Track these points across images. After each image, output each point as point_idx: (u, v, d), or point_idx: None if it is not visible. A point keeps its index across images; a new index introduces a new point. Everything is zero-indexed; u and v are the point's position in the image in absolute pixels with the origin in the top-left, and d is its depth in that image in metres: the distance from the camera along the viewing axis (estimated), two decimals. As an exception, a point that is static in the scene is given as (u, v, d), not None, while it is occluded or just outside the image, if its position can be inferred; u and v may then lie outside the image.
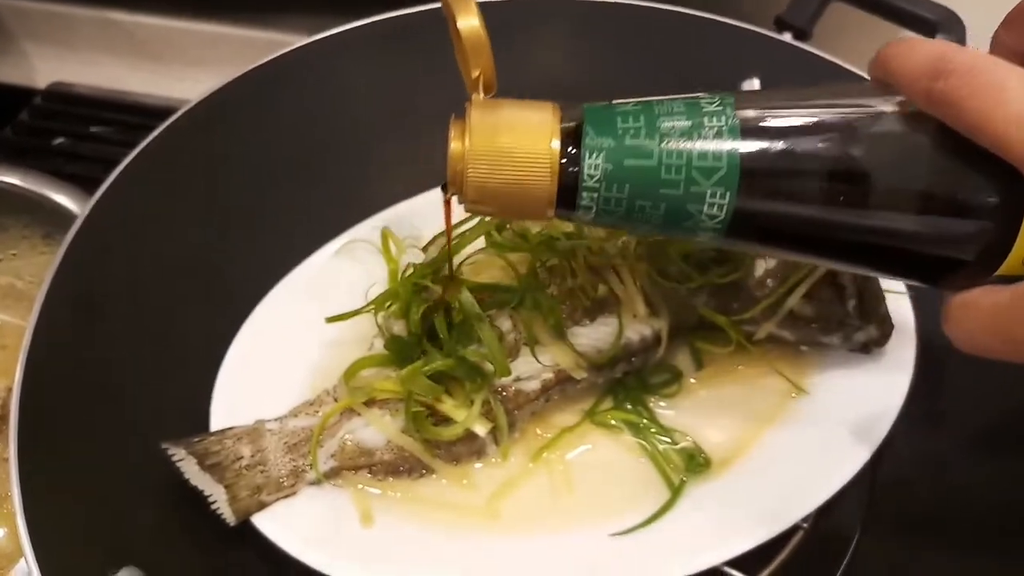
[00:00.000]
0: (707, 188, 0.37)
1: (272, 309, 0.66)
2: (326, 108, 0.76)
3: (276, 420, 0.58)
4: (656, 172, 0.37)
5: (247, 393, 0.60)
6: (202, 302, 0.65)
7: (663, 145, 0.37)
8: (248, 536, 0.54)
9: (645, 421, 0.59)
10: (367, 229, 0.70)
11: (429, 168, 0.73)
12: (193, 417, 0.59)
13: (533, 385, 0.58)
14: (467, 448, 0.57)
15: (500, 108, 0.40)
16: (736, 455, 0.58)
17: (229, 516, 0.54)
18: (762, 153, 0.37)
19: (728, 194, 0.37)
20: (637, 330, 0.59)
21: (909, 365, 0.60)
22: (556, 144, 0.38)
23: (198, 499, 0.54)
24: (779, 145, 0.37)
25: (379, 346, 0.59)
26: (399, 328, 0.59)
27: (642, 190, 0.37)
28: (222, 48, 1.04)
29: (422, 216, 0.69)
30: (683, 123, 0.37)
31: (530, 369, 0.58)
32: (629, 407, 0.60)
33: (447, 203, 0.48)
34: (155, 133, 0.68)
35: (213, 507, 0.54)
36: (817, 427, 0.58)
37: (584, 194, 0.38)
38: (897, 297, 0.62)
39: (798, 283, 0.59)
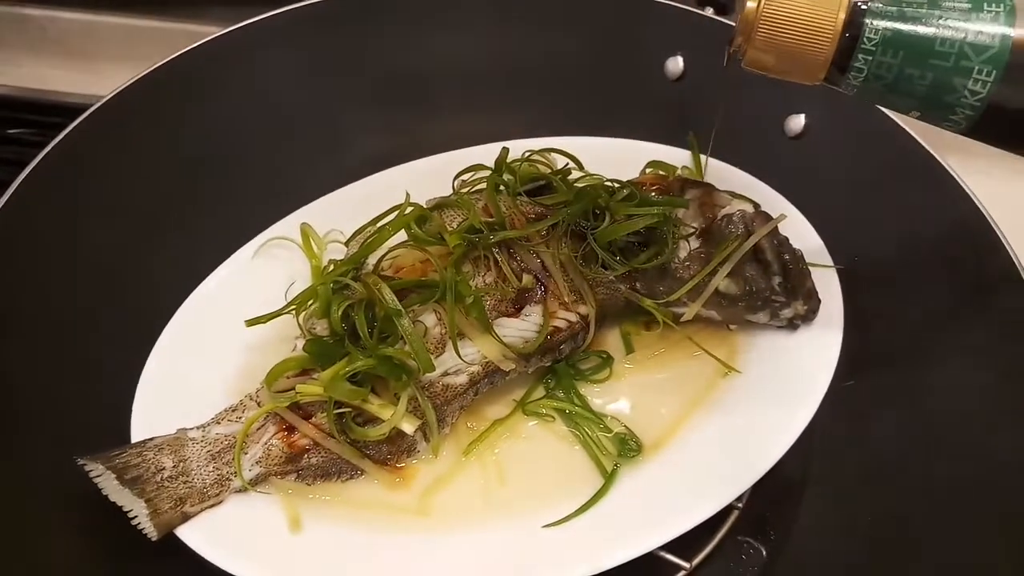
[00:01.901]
0: (976, 64, 0.40)
1: (192, 313, 0.64)
2: (243, 100, 0.74)
3: (199, 428, 0.56)
4: (931, 43, 0.40)
5: (168, 401, 0.59)
6: (118, 308, 0.63)
7: (942, 19, 0.40)
8: (174, 549, 0.53)
9: (577, 408, 0.59)
10: (287, 226, 0.68)
11: (350, 160, 0.73)
12: (113, 429, 0.57)
13: (461, 379, 0.57)
14: (396, 447, 0.56)
15: None
16: (668, 438, 0.58)
17: (151, 531, 0.52)
18: None
19: (994, 72, 0.40)
20: (564, 317, 0.58)
21: (837, 339, 0.60)
22: (844, 7, 0.41)
23: (119, 515, 0.52)
24: None
25: (302, 347, 0.58)
26: (322, 328, 0.58)
27: (914, 58, 0.41)
28: (143, 42, 1.01)
29: (344, 210, 0.68)
30: (963, 3, 0.41)
31: (457, 363, 0.57)
32: (560, 395, 0.60)
33: (729, 60, 0.48)
34: (64, 133, 0.66)
35: (134, 522, 0.52)
36: (748, 406, 0.58)
37: (860, 56, 0.41)
38: (825, 272, 0.62)
39: (722, 262, 0.58)
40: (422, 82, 0.69)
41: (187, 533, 0.53)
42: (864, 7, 0.41)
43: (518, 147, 0.66)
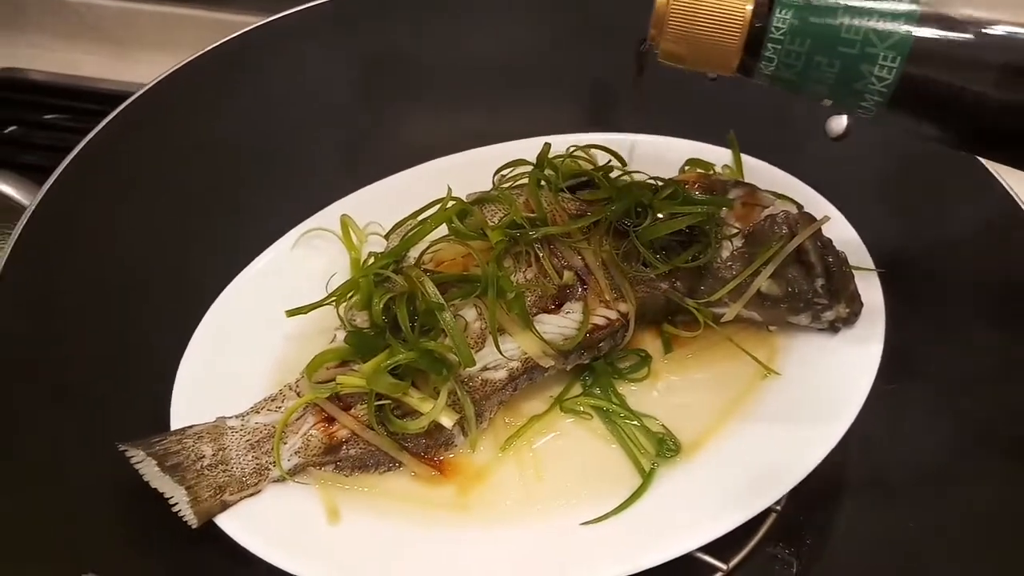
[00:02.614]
0: (881, 50, 0.40)
1: (231, 302, 0.64)
2: (285, 91, 0.74)
3: (237, 417, 0.56)
4: (837, 30, 0.41)
5: (207, 389, 0.59)
6: (159, 295, 0.63)
7: (847, 6, 0.41)
8: (212, 537, 0.53)
9: (614, 406, 0.58)
10: (327, 217, 0.68)
11: (390, 152, 0.72)
12: (153, 415, 0.58)
13: (500, 374, 0.57)
14: (435, 440, 0.56)
15: None
16: (707, 438, 0.57)
17: (191, 518, 0.53)
18: (936, 27, 0.40)
19: (899, 59, 0.40)
20: (603, 315, 0.58)
21: (879, 343, 0.59)
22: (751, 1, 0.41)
23: (159, 502, 0.53)
24: (955, 23, 0.40)
25: (342, 338, 0.58)
26: (362, 320, 0.58)
27: (822, 46, 0.41)
28: (179, 30, 1.01)
29: (384, 203, 0.68)
30: None
31: (497, 358, 0.56)
32: (598, 393, 0.60)
33: (640, 55, 0.50)
34: (106, 120, 0.66)
35: (175, 509, 0.53)
36: (788, 408, 0.58)
37: (769, 45, 0.42)
38: (866, 275, 0.61)
39: (765, 263, 0.58)
40: (464, 75, 0.69)
41: (226, 521, 0.53)
42: None
43: (558, 143, 0.66)
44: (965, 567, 0.54)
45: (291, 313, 0.60)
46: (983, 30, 0.40)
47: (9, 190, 0.72)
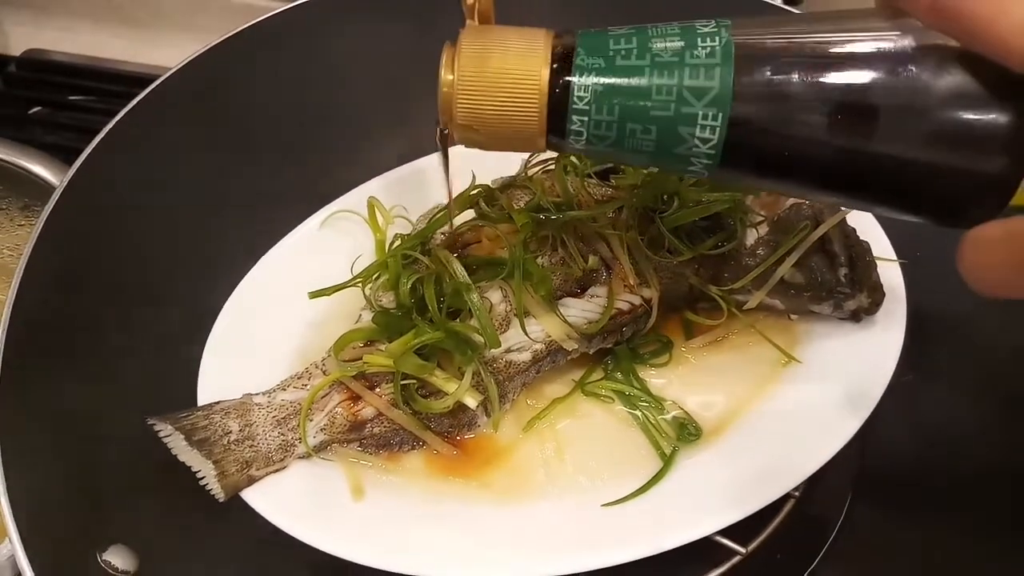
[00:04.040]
0: (699, 109, 0.36)
1: (258, 282, 0.65)
2: (311, 74, 0.74)
3: (264, 394, 0.57)
4: (647, 92, 0.36)
5: (234, 367, 0.60)
6: (186, 274, 0.64)
7: (654, 65, 0.36)
8: (238, 511, 0.54)
9: (636, 391, 0.59)
10: (353, 200, 0.69)
11: (418, 136, 0.73)
12: (180, 391, 0.59)
13: (524, 356, 0.57)
14: (458, 420, 0.57)
15: (490, 32, 0.39)
16: (727, 424, 0.58)
17: (218, 491, 0.53)
18: (756, 74, 0.35)
19: (720, 116, 0.35)
20: (627, 300, 0.58)
21: (899, 333, 0.59)
22: (546, 67, 0.37)
23: (186, 475, 0.53)
24: (775, 67, 0.35)
25: (367, 318, 0.59)
26: (388, 300, 0.59)
27: (633, 112, 0.36)
28: (205, 13, 1.02)
29: (410, 186, 0.68)
30: (676, 44, 0.36)
31: (521, 340, 0.57)
32: (620, 377, 0.60)
33: (442, 139, 0.46)
34: (134, 102, 0.67)
35: (202, 483, 0.54)
36: (808, 395, 0.58)
37: (574, 118, 0.37)
38: (888, 265, 0.62)
39: (789, 251, 0.58)
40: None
41: (252, 496, 0.54)
42: (568, 60, 0.37)
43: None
44: (984, 552, 0.54)
45: (315, 295, 0.60)
46: (795, 72, 0.35)
47: (39, 169, 0.73)
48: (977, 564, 0.54)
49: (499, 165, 0.65)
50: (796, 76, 0.35)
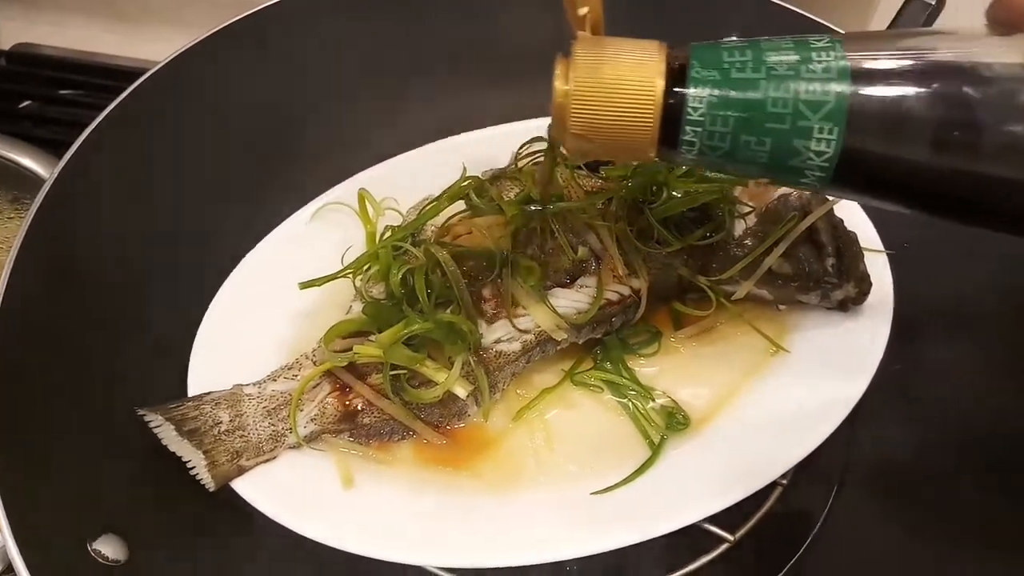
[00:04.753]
0: (815, 123, 0.36)
1: (248, 273, 0.65)
2: (300, 67, 0.74)
3: (254, 384, 0.57)
4: (762, 105, 0.36)
5: (224, 358, 0.60)
6: (176, 266, 0.64)
7: (770, 78, 0.36)
8: (228, 501, 0.54)
9: (625, 380, 0.59)
10: (343, 192, 0.69)
11: (408, 129, 0.73)
12: (170, 382, 0.59)
13: (514, 346, 0.58)
14: (448, 410, 0.57)
15: (605, 44, 0.39)
16: (715, 413, 0.58)
17: (209, 481, 0.54)
18: (873, 89, 0.36)
19: (836, 130, 0.36)
20: (616, 290, 0.59)
21: (886, 323, 0.60)
22: (661, 78, 0.37)
23: (177, 465, 0.54)
24: (890, 83, 0.36)
25: (357, 309, 0.59)
26: (378, 292, 0.59)
27: (747, 124, 0.36)
28: (192, 6, 1.01)
29: (400, 178, 0.68)
30: (791, 57, 0.36)
31: (510, 331, 0.57)
32: (609, 367, 0.60)
33: (551, 148, 0.47)
34: (123, 95, 0.66)
35: (192, 473, 0.54)
36: (795, 385, 0.59)
37: (688, 129, 0.37)
38: (875, 256, 0.62)
39: (777, 241, 0.59)
40: (482, 54, 0.69)
41: (243, 486, 0.54)
42: (684, 73, 0.37)
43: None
44: (968, 543, 0.55)
45: (304, 286, 0.60)
46: (911, 88, 0.35)
47: (29, 162, 0.73)
48: (961, 554, 0.54)
49: (491, 157, 0.66)
50: (911, 92, 0.36)
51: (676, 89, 0.37)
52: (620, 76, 0.37)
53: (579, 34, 0.39)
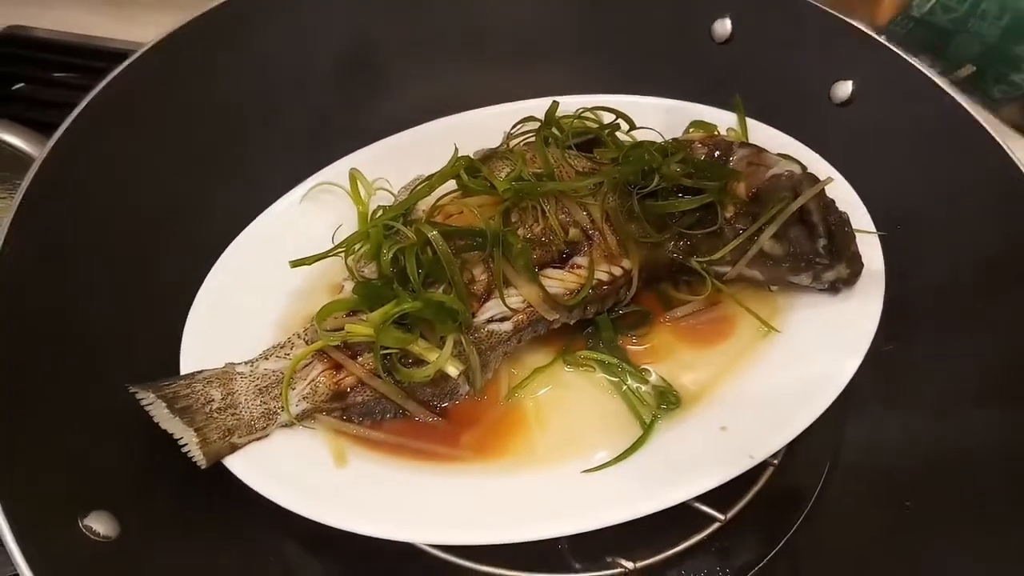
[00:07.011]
0: None
1: (240, 253, 0.65)
2: (290, 48, 0.74)
3: (246, 363, 0.57)
4: None
5: (216, 336, 0.60)
6: (167, 246, 0.64)
7: None
8: (220, 478, 0.54)
9: (617, 360, 0.59)
10: (335, 172, 0.69)
11: (399, 110, 0.73)
12: (162, 361, 0.59)
13: (505, 326, 0.58)
14: (440, 389, 0.57)
15: None
16: (706, 393, 0.58)
17: (200, 459, 0.54)
18: None
19: None
20: (608, 271, 0.59)
21: (878, 304, 0.60)
22: None
23: (168, 442, 0.54)
24: None
25: (350, 289, 0.59)
26: (369, 271, 0.59)
27: None
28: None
29: (392, 159, 0.68)
30: None
31: (502, 310, 0.57)
32: (601, 347, 0.60)
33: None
34: (111, 76, 0.66)
35: (184, 450, 0.54)
36: (786, 365, 0.59)
37: None
38: (867, 237, 0.62)
39: (768, 222, 0.59)
40: (473, 35, 0.69)
41: (235, 463, 0.54)
42: None
43: (567, 104, 0.66)
44: (958, 521, 0.55)
45: (296, 264, 0.60)
46: None
47: (18, 142, 0.72)
48: (951, 532, 0.55)
49: (483, 137, 0.65)
50: None
51: None
52: None
53: None
